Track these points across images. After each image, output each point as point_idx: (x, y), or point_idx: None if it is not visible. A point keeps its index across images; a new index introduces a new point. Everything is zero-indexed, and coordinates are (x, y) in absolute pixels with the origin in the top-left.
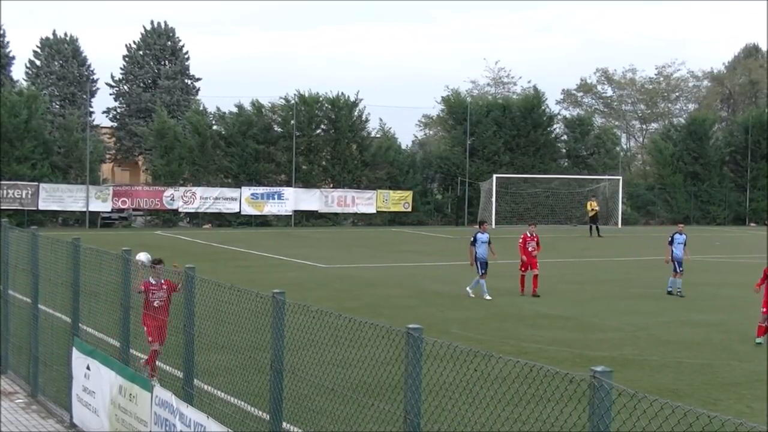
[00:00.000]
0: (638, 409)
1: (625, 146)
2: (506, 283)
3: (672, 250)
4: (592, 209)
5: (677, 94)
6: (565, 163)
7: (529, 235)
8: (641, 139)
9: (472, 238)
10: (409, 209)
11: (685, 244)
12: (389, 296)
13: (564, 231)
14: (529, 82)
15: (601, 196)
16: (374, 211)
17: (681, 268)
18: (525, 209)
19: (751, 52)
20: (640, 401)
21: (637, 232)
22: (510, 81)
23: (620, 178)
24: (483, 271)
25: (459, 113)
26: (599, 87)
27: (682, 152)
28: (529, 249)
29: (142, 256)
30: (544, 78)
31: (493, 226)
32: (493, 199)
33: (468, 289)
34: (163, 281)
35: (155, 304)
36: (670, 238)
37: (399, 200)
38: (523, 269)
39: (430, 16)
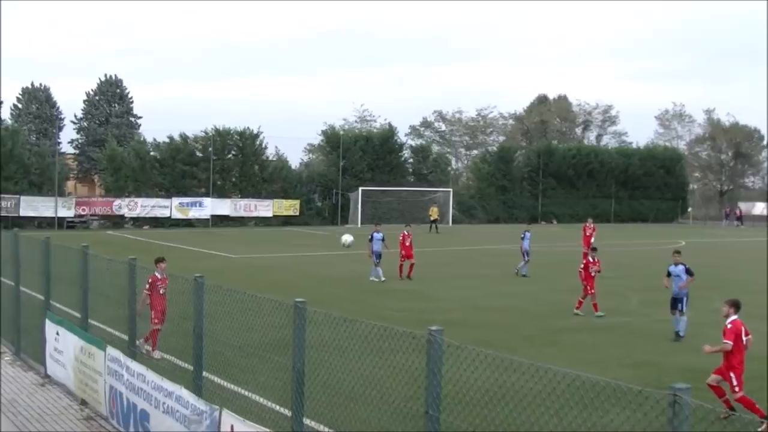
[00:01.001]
0: (461, 356)
1: (454, 167)
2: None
3: (522, 244)
4: (434, 213)
5: (491, 129)
6: (412, 179)
7: (406, 233)
8: (466, 162)
9: (369, 236)
10: (297, 213)
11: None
12: (283, 278)
13: (415, 229)
14: (385, 119)
15: (438, 203)
16: (271, 215)
17: (528, 258)
18: (383, 213)
19: (542, 100)
20: (462, 350)
21: (463, 229)
22: (372, 119)
23: (451, 190)
24: (378, 261)
25: (334, 142)
26: (436, 124)
27: (494, 171)
28: (407, 244)
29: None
30: (397, 116)
31: (359, 225)
32: (359, 206)
33: (371, 278)
34: (166, 276)
35: (161, 292)
36: (522, 235)
37: (289, 207)
38: (402, 259)
39: (313, 71)
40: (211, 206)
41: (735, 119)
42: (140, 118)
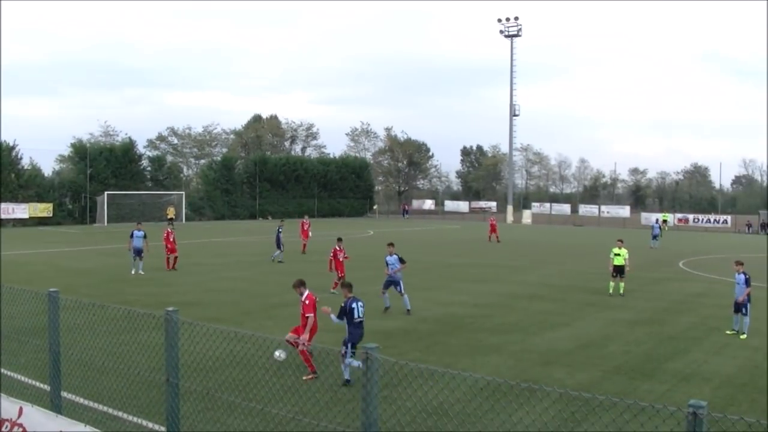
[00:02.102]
0: (194, 331)
1: (186, 174)
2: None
3: (278, 236)
4: (170, 213)
5: (216, 142)
6: (150, 184)
7: (170, 230)
8: (195, 169)
9: (131, 233)
10: (51, 215)
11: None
12: (39, 271)
13: (153, 226)
14: (126, 134)
15: (173, 204)
16: (27, 217)
17: (282, 249)
18: (126, 213)
19: (257, 118)
20: (195, 326)
21: (195, 226)
22: (114, 133)
23: (183, 193)
24: (136, 257)
25: (82, 153)
26: (170, 138)
27: (219, 177)
28: (171, 239)
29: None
30: (136, 131)
31: (105, 224)
32: (105, 207)
33: (132, 271)
34: None
35: None
36: (278, 228)
37: (44, 209)
38: (168, 253)
39: (61, 92)
40: None
41: (408, 135)
42: None
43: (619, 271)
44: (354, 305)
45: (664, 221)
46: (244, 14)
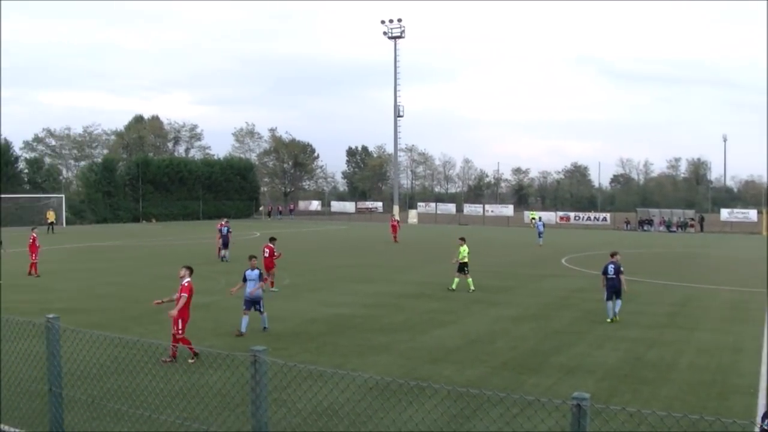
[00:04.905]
0: (77, 338)
1: (65, 176)
2: None
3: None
4: (50, 217)
5: (97, 143)
6: (28, 187)
7: (35, 235)
8: (75, 171)
9: None
10: None
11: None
12: None
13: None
14: (1, 135)
15: (53, 207)
16: None
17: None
18: (2, 217)
19: (138, 119)
20: (78, 333)
21: (76, 229)
22: None
23: (63, 196)
24: None
25: None
26: (47, 140)
27: (100, 179)
28: (36, 245)
29: None
30: (12, 133)
31: None
32: None
33: None
34: None
35: None
36: (225, 232)
37: None
38: (33, 258)
39: None
40: None
41: (293, 136)
42: None
43: (462, 267)
44: None
45: (532, 219)
46: (120, 12)
